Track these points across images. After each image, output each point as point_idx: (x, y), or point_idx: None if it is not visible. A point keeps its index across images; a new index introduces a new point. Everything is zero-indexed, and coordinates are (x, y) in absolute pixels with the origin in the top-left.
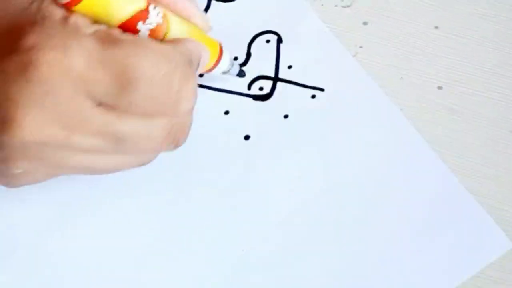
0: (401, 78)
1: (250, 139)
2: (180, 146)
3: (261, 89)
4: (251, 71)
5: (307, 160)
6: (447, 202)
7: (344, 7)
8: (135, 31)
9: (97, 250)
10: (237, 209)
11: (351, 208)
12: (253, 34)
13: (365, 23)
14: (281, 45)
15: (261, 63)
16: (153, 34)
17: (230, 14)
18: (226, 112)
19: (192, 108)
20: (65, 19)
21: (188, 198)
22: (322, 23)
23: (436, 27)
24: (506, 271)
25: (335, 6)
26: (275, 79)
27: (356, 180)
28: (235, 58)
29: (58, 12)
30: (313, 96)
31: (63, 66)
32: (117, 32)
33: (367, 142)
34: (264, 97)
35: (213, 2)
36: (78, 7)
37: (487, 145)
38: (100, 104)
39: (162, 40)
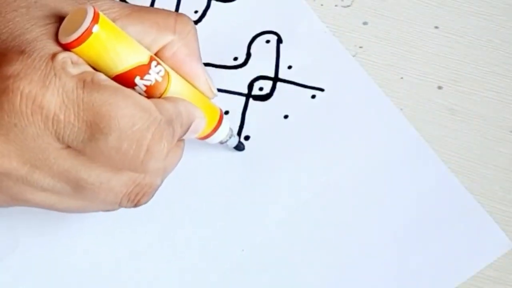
0: (401, 78)
1: (250, 139)
2: (139, 206)
3: (261, 89)
4: (251, 71)
5: (307, 160)
6: (447, 202)
7: (344, 7)
8: (132, 85)
9: (97, 249)
10: (237, 209)
11: (351, 208)
12: (253, 34)
13: (365, 23)
14: (281, 45)
15: (261, 63)
16: (150, 91)
17: (230, 14)
18: (226, 112)
19: (163, 170)
20: (54, 56)
21: (188, 198)
22: (322, 23)
23: (436, 27)
24: (506, 271)
25: (335, 6)
26: (275, 79)
27: (356, 180)
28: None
29: (50, 48)
30: (313, 96)
31: (37, 102)
32: (102, 77)
33: (367, 142)
34: (264, 97)
35: (213, 2)
36: (77, 50)
37: (487, 145)
38: (67, 147)
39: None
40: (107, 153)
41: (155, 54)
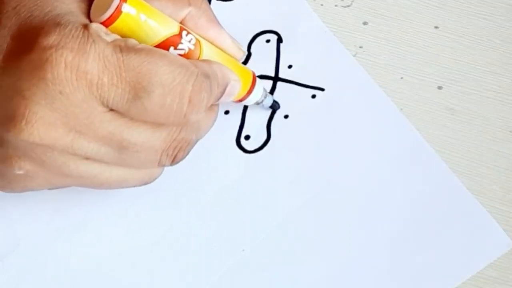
0: (401, 78)
1: (250, 139)
2: (177, 163)
3: None
4: None
5: (307, 160)
6: (447, 201)
7: (344, 7)
8: None
9: (98, 250)
10: (237, 209)
11: (351, 208)
12: (253, 34)
13: (365, 23)
14: (281, 45)
15: (261, 62)
16: None
17: (230, 14)
18: (226, 112)
19: (198, 128)
20: (86, 26)
21: (188, 198)
22: (322, 23)
23: (436, 27)
24: (506, 271)
25: (335, 6)
26: (275, 79)
27: (356, 179)
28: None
29: (83, 20)
30: (313, 96)
31: (80, 69)
32: (135, 42)
33: (367, 142)
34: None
35: (213, 1)
36: (111, 28)
37: (487, 144)
38: (110, 110)
39: None
40: (151, 110)
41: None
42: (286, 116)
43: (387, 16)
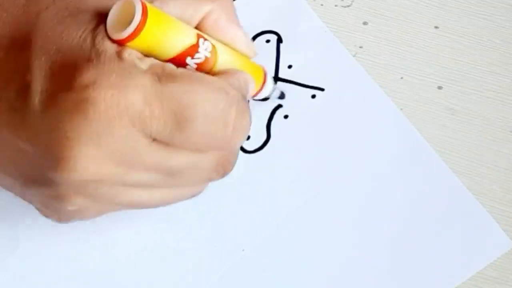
0: (401, 78)
1: (250, 139)
2: (226, 176)
3: None
4: None
5: (307, 160)
6: (447, 201)
7: (344, 7)
8: (183, 65)
9: (98, 250)
10: (237, 209)
11: (351, 208)
12: (253, 34)
13: (365, 23)
14: (281, 45)
15: (261, 63)
16: (200, 67)
17: None
18: None
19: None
20: (119, 54)
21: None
22: (322, 23)
23: (436, 27)
24: (506, 271)
25: (335, 6)
26: (275, 79)
27: (356, 179)
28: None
29: (111, 47)
30: (313, 96)
31: (122, 105)
32: (172, 67)
33: (367, 142)
34: (264, 97)
35: None
36: (131, 43)
37: (487, 144)
38: (154, 140)
39: (209, 72)
40: (195, 139)
41: (197, 24)
42: (286, 116)
43: (387, 16)
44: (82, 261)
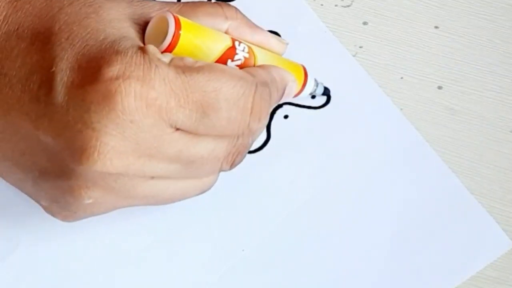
0: (401, 78)
1: None
2: (235, 167)
3: None
4: None
5: (307, 160)
6: (447, 201)
7: (344, 7)
8: None
9: (98, 250)
10: (237, 209)
11: (351, 208)
12: None
13: (365, 23)
14: None
15: None
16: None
17: None
18: None
19: (259, 130)
20: (143, 49)
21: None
22: (322, 23)
23: (436, 27)
24: (506, 271)
25: (335, 6)
26: None
27: (356, 179)
28: None
29: (137, 43)
30: (313, 97)
31: (149, 97)
32: (191, 60)
33: (367, 142)
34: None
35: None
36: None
37: (487, 144)
38: (177, 129)
39: None
40: (219, 125)
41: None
42: (286, 116)
43: (387, 16)
44: (82, 261)
